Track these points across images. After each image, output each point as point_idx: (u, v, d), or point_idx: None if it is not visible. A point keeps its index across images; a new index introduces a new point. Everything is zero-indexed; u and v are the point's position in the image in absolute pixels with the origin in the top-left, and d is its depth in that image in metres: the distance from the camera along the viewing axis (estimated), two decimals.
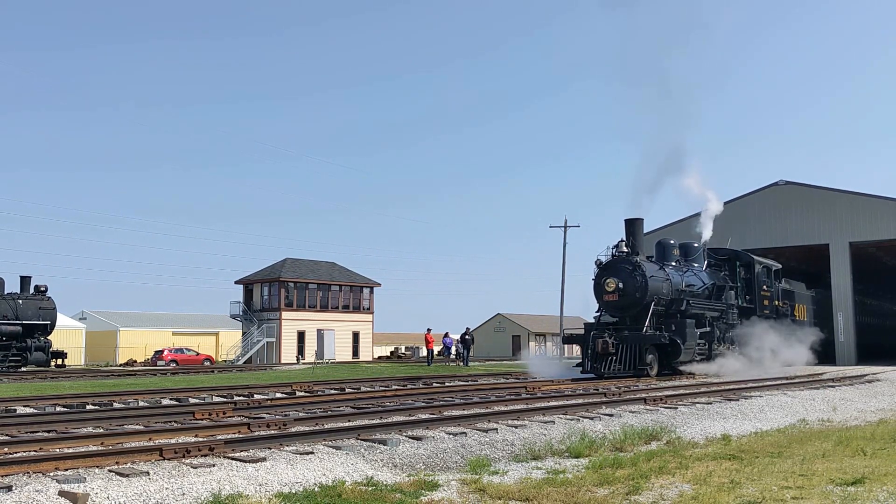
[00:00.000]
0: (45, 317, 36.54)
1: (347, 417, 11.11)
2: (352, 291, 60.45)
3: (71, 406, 14.01)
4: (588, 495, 6.89)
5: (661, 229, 36.23)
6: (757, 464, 8.55)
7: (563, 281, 44.23)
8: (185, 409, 12.48)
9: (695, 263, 25.55)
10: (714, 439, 10.80)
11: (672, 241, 25.52)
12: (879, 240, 34.73)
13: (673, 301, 23.13)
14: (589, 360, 22.18)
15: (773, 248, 34.93)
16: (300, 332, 56.11)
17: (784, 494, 6.84)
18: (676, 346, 22.06)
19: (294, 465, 7.62)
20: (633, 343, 21.49)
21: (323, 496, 6.71)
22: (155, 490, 6.48)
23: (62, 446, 8.53)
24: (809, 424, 12.80)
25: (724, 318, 25.51)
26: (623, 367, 21.27)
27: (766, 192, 36.94)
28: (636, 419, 11.78)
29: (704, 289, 24.96)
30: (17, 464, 6.95)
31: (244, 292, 58.49)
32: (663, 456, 9.04)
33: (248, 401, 14.33)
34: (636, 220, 23.64)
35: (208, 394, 16.63)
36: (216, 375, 29.27)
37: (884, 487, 7.10)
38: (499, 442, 9.59)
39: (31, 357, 35.31)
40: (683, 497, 6.80)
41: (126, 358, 55.79)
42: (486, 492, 7.03)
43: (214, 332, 65.37)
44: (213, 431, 9.56)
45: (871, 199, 34.55)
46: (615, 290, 22.22)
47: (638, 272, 22.19)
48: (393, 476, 7.75)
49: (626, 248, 22.83)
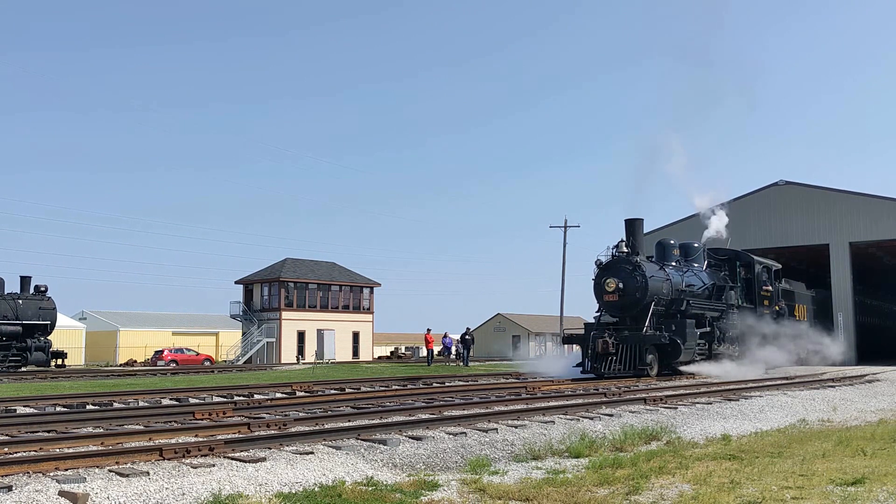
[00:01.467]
0: (45, 317, 36.54)
1: (347, 417, 11.10)
2: (352, 291, 60.46)
3: (71, 406, 13.99)
4: (588, 495, 6.89)
5: (661, 229, 36.21)
6: (757, 464, 8.55)
7: (563, 281, 44.32)
8: (185, 409, 12.47)
9: (695, 263, 25.47)
10: (714, 439, 10.80)
11: (672, 241, 25.47)
12: (879, 240, 34.71)
13: (673, 301, 23.07)
14: (589, 360, 22.14)
15: (773, 248, 34.92)
16: (300, 332, 56.13)
17: (784, 494, 6.84)
18: (676, 346, 21.99)
19: (294, 465, 7.62)
20: (633, 343, 21.45)
21: (323, 496, 6.70)
22: (155, 490, 6.49)
23: (62, 446, 8.52)
24: (809, 424, 12.80)
25: (725, 318, 25.41)
26: (623, 367, 21.22)
27: (766, 192, 36.95)
28: (636, 419, 11.78)
29: (704, 289, 24.90)
30: (17, 464, 6.94)
31: (244, 292, 58.51)
32: (663, 456, 9.04)
33: (248, 401, 14.31)
34: (636, 220, 23.58)
35: (208, 394, 16.62)
36: (216, 375, 29.27)
37: (884, 487, 7.10)
38: (499, 442, 9.58)
39: (31, 357, 35.30)
40: (683, 497, 6.80)
41: (126, 358, 55.81)
42: (486, 492, 7.03)
43: (214, 332, 65.38)
44: (213, 431, 9.55)
45: (871, 199, 34.53)
46: (615, 290, 22.15)
47: (638, 272, 22.13)
48: (393, 476, 7.75)
49: (626, 249, 22.75)
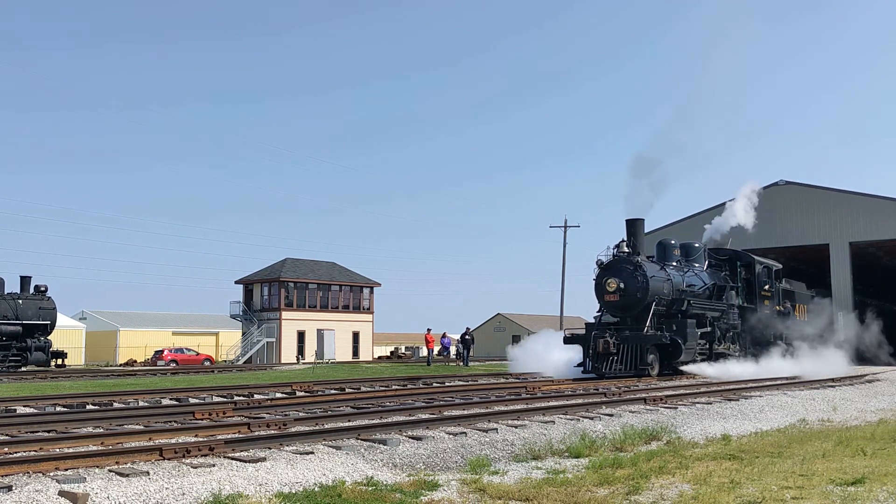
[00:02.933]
0: (45, 317, 36.51)
1: (347, 417, 11.10)
2: (352, 291, 60.46)
3: (71, 406, 13.98)
4: (588, 495, 6.89)
5: (662, 229, 36.21)
6: (757, 464, 8.54)
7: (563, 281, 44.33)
8: (185, 409, 12.46)
9: (695, 263, 25.46)
10: (714, 439, 10.80)
11: (673, 241, 25.49)
12: (879, 240, 34.73)
13: (674, 301, 23.08)
14: (590, 359, 22.17)
15: (773, 248, 34.91)
16: (300, 332, 56.13)
17: (784, 494, 6.84)
18: (677, 346, 22.02)
19: (294, 464, 7.62)
20: (634, 343, 21.47)
21: (323, 496, 6.70)
22: (155, 490, 6.48)
23: (62, 446, 8.52)
24: (809, 424, 12.80)
25: (725, 319, 25.45)
26: (624, 367, 21.25)
27: (766, 192, 36.93)
28: (636, 419, 11.78)
29: (705, 289, 24.91)
30: (17, 464, 6.94)
31: (244, 292, 58.51)
32: (663, 456, 9.03)
33: (248, 401, 14.31)
34: (637, 220, 23.60)
35: (208, 394, 16.61)
36: (216, 375, 29.26)
37: (884, 487, 7.10)
38: (499, 442, 9.58)
39: (31, 357, 35.27)
40: (683, 497, 6.79)
41: (126, 358, 55.79)
42: (486, 492, 7.03)
43: (214, 332, 65.35)
44: (213, 431, 9.55)
45: (871, 199, 34.54)
46: (616, 290, 22.17)
47: (639, 272, 22.15)
48: (393, 476, 7.75)
49: (627, 249, 22.78)
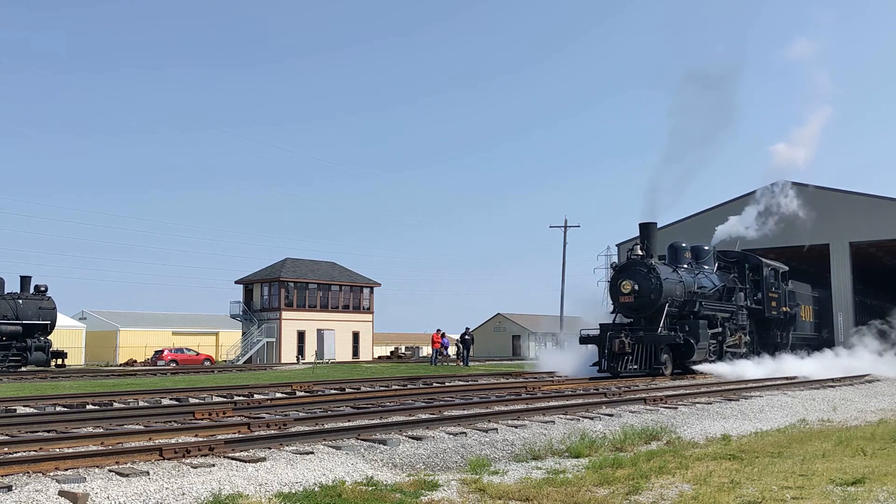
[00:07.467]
0: (45, 317, 36.50)
1: (347, 417, 11.10)
2: (352, 291, 60.43)
3: (71, 406, 13.98)
4: (588, 495, 6.89)
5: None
6: (757, 464, 8.55)
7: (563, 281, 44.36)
8: (185, 409, 12.47)
9: (705, 265, 26.00)
10: (714, 439, 10.81)
11: (684, 244, 25.89)
12: (879, 240, 34.69)
13: (686, 302, 23.59)
14: (605, 359, 22.60)
15: (774, 248, 34.90)
16: (300, 332, 56.09)
17: (784, 494, 6.84)
18: (690, 346, 22.56)
19: (294, 464, 7.62)
20: (649, 343, 22.03)
21: (323, 496, 6.70)
22: (155, 490, 6.48)
23: (62, 446, 8.52)
24: (809, 424, 12.80)
25: (735, 319, 25.92)
26: (639, 366, 21.83)
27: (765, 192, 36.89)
28: (636, 419, 11.78)
29: (715, 290, 25.39)
30: (17, 464, 6.94)
31: (244, 292, 58.46)
32: (663, 456, 9.04)
33: (248, 401, 14.31)
34: (650, 223, 24.18)
35: (208, 394, 16.61)
36: (216, 375, 29.26)
37: (884, 487, 7.10)
38: (499, 442, 9.58)
39: (31, 357, 35.26)
40: (683, 497, 6.79)
41: (126, 358, 55.78)
42: (486, 492, 7.03)
43: (214, 332, 65.34)
44: (213, 431, 9.55)
45: (871, 199, 34.51)
46: (631, 291, 22.69)
47: (653, 274, 22.67)
48: (393, 476, 7.75)
49: (640, 251, 23.33)
